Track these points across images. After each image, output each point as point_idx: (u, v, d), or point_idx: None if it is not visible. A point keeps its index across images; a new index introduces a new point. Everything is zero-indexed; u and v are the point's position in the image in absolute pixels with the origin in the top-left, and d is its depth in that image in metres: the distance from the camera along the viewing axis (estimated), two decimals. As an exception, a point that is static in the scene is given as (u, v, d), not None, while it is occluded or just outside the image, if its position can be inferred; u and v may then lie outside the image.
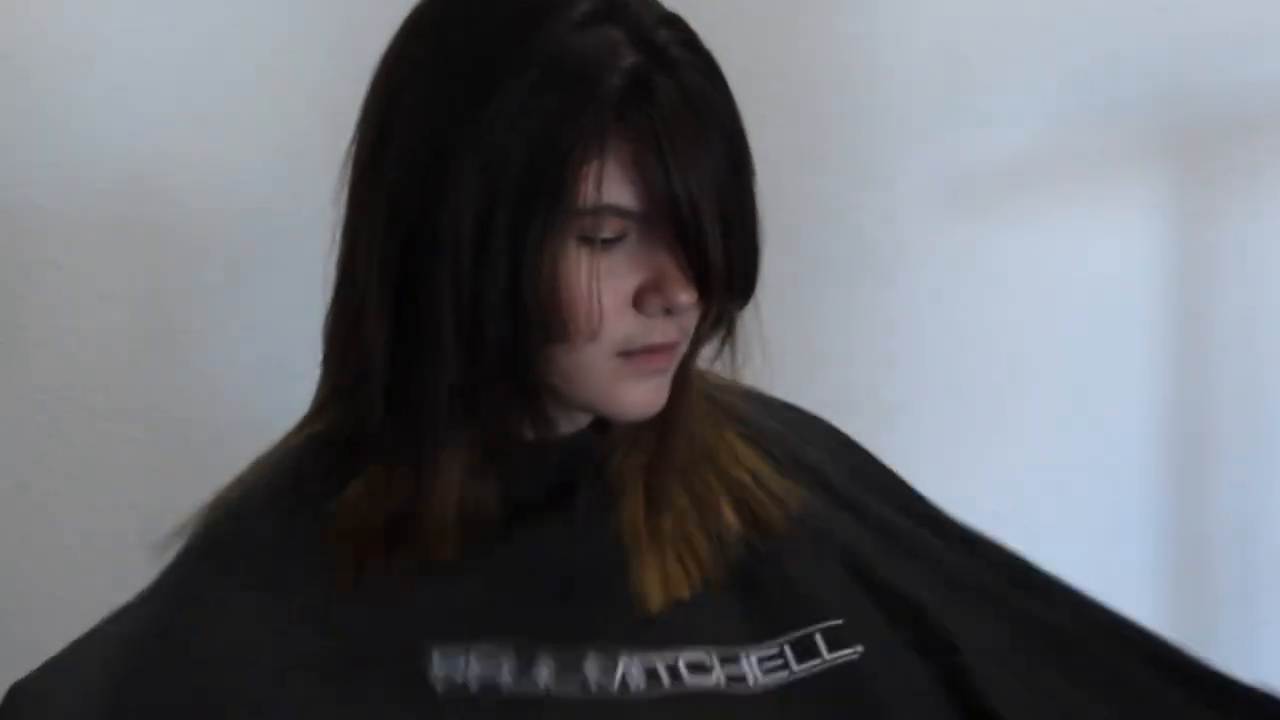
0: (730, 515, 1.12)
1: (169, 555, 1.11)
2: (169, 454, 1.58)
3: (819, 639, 1.10)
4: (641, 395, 1.05)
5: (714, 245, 1.00)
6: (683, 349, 1.06)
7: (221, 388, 1.60)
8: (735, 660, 1.08)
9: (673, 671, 1.07)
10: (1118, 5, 1.86)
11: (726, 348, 1.10)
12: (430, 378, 1.02)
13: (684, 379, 1.10)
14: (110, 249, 1.56)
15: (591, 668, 1.05)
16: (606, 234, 1.00)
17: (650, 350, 1.03)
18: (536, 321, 1.00)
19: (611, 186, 0.99)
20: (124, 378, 1.58)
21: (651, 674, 1.06)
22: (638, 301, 1.02)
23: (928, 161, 1.83)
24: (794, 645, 1.10)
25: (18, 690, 1.13)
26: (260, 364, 1.59)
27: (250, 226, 1.59)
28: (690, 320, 1.05)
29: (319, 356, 1.09)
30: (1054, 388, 1.95)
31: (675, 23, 1.03)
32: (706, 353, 1.11)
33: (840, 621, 1.11)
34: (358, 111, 1.06)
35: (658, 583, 1.09)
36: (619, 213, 0.99)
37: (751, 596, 1.10)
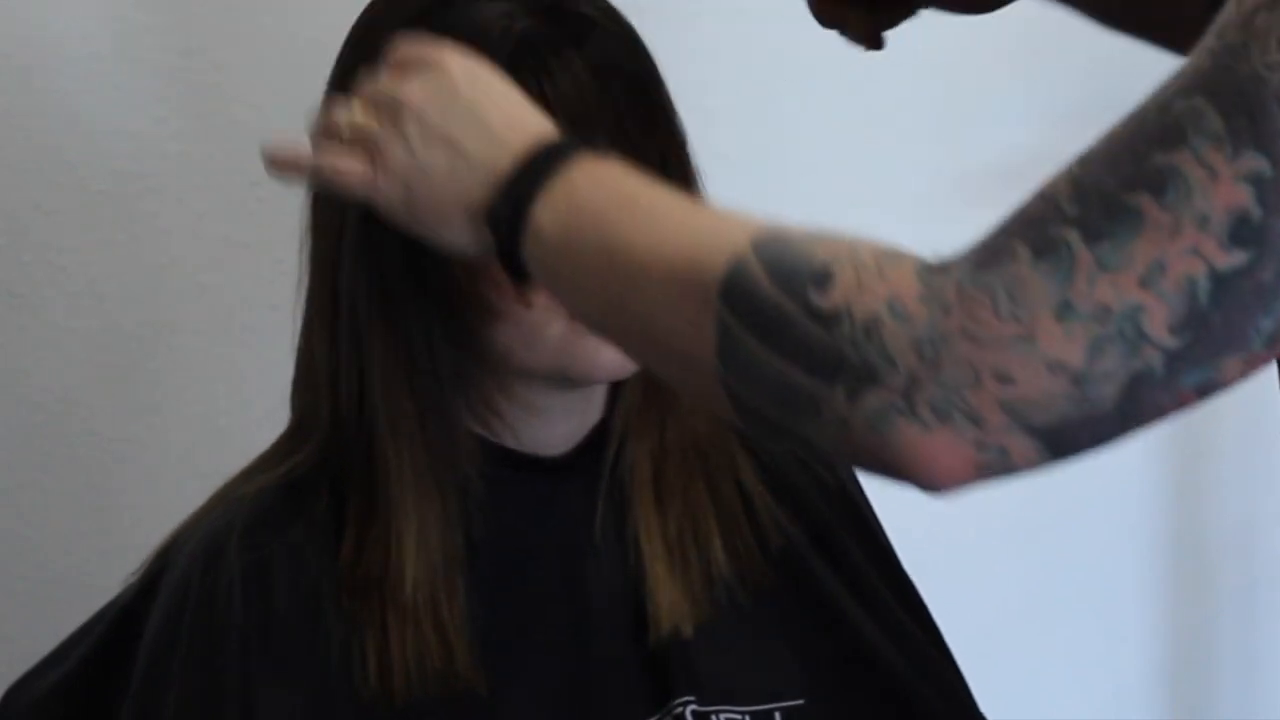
0: (720, 552, 1.10)
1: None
2: (169, 454, 1.58)
3: (777, 717, 1.09)
4: (606, 348, 1.01)
5: None
6: None
7: (221, 388, 1.59)
8: (706, 718, 1.08)
9: None
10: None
11: None
12: (374, 379, 1.01)
13: None
14: (110, 249, 1.55)
15: None
16: None
17: None
18: (460, 299, 0.99)
19: None
20: (124, 378, 1.57)
21: None
22: None
23: (929, 162, 1.83)
24: (754, 716, 1.09)
25: (15, 691, 1.13)
26: (260, 365, 1.58)
27: (250, 227, 1.58)
28: None
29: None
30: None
31: None
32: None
33: (801, 702, 1.10)
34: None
35: (668, 612, 1.08)
36: None
37: (724, 650, 1.10)
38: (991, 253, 0.75)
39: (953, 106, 1.82)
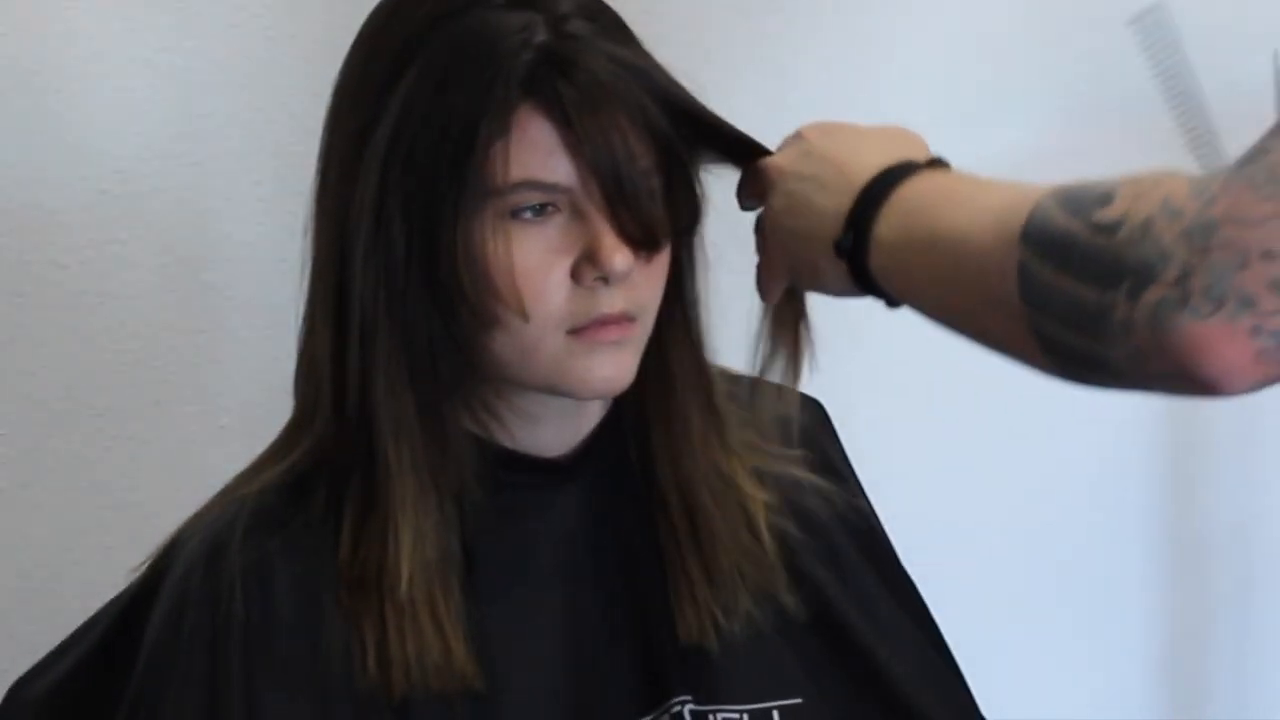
0: (722, 555, 1.10)
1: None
2: (169, 454, 1.58)
3: (775, 716, 1.10)
4: (599, 369, 1.02)
5: (639, 208, 1.00)
6: (643, 327, 1.04)
7: (221, 388, 1.60)
8: (704, 718, 1.08)
9: None
10: (1117, 5, 1.87)
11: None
12: (377, 377, 1.02)
13: (669, 361, 1.08)
14: (110, 249, 1.55)
15: None
16: (531, 206, 0.99)
17: (600, 323, 1.01)
18: (463, 304, 0.99)
19: (527, 160, 0.98)
20: (124, 378, 1.57)
21: None
22: (575, 274, 1.00)
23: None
24: (753, 715, 1.09)
25: (17, 689, 1.13)
26: (260, 364, 1.59)
27: (250, 227, 1.59)
28: (644, 293, 1.03)
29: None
30: (1051, 387, 1.95)
31: (591, 4, 1.03)
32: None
33: (799, 700, 1.10)
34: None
35: (694, 619, 1.08)
36: (539, 187, 0.99)
37: (722, 649, 1.09)
38: (1250, 153, 0.79)
39: (952, 106, 1.83)
